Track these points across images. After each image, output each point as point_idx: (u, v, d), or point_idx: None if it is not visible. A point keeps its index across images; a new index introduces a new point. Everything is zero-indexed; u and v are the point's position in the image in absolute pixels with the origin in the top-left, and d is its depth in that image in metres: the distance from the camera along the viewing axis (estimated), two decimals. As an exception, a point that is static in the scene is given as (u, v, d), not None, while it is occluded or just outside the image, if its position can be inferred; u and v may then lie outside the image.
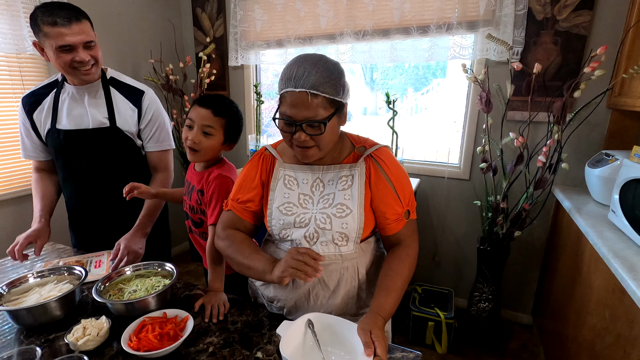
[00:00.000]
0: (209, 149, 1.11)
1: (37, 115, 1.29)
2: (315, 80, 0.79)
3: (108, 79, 1.32)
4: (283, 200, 0.96)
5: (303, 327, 0.83)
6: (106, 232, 1.36)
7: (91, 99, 1.28)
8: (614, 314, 1.14)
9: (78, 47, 1.14)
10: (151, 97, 1.37)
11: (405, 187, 0.95)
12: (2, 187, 1.93)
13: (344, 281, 0.96)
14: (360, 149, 0.97)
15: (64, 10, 1.11)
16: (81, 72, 1.19)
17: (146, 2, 2.57)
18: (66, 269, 1.08)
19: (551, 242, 2.00)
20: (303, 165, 0.97)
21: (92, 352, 0.84)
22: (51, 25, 1.09)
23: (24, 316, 0.90)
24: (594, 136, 1.86)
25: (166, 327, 0.87)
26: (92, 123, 1.27)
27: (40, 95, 1.30)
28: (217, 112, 1.10)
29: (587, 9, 1.72)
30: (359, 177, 0.93)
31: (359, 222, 0.92)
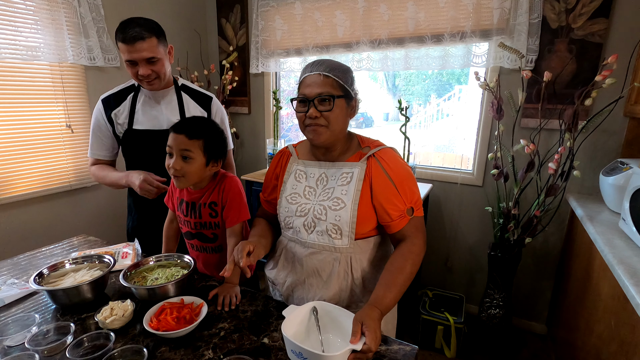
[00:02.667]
0: (193, 173, 1.11)
1: (115, 115, 1.41)
2: (328, 65, 0.97)
3: (180, 86, 1.46)
4: (291, 191, 1.08)
5: (307, 313, 0.90)
6: None
7: (166, 103, 1.42)
8: (619, 321, 1.14)
9: (140, 62, 1.27)
10: (217, 102, 1.52)
11: (407, 184, 1.00)
12: (44, 184, 2.11)
13: (335, 273, 1.01)
14: (365, 150, 1.04)
15: (135, 28, 1.23)
16: (145, 83, 1.33)
17: (176, 14, 2.74)
18: (97, 258, 1.20)
19: (566, 250, 1.97)
20: (313, 161, 1.08)
21: (118, 330, 0.94)
22: (121, 42, 1.25)
23: (60, 296, 1.02)
24: (610, 144, 1.84)
25: (183, 312, 0.96)
26: (167, 124, 1.37)
27: (119, 98, 1.42)
28: (191, 135, 1.09)
29: (604, 16, 1.72)
30: (358, 174, 1.00)
31: (352, 216, 0.98)
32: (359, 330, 0.80)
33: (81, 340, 0.86)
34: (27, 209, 2.06)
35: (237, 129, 3.06)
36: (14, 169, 1.98)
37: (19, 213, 2.04)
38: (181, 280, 1.06)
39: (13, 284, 1.15)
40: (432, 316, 1.98)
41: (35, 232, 2.11)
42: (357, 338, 0.79)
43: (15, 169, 1.98)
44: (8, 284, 1.15)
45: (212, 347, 0.89)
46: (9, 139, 1.94)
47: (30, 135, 2.02)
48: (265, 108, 2.92)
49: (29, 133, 2.02)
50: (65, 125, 2.16)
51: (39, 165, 2.08)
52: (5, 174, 1.94)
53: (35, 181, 2.07)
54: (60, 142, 2.15)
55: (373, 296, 0.91)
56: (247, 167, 3.10)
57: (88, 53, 2.15)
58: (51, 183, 2.14)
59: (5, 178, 1.95)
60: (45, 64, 2.02)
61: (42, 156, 2.09)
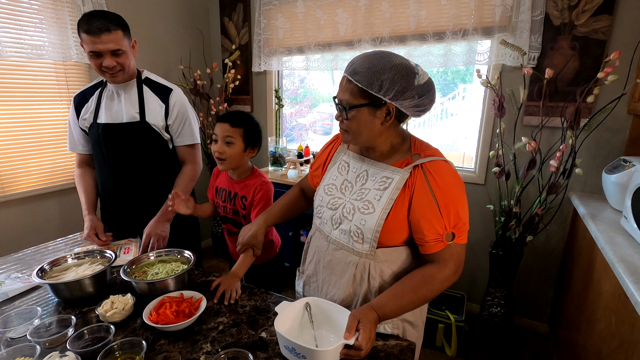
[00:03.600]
0: (234, 156, 1.30)
1: (84, 111, 1.46)
2: (355, 68, 0.85)
3: (143, 79, 1.46)
4: (330, 181, 1.05)
5: (301, 309, 0.90)
6: (134, 218, 1.49)
7: (126, 96, 1.43)
8: (619, 319, 1.14)
9: (105, 54, 1.28)
10: (178, 95, 1.48)
11: (453, 207, 0.86)
12: (48, 181, 2.14)
13: (350, 276, 0.96)
14: (415, 157, 0.92)
15: (100, 20, 1.24)
16: (108, 75, 1.34)
17: (179, 13, 2.76)
18: (99, 252, 1.21)
19: (568, 249, 1.96)
20: (358, 155, 1.02)
21: (118, 323, 0.95)
22: (85, 33, 1.24)
23: (62, 290, 1.03)
24: (614, 142, 1.82)
25: (182, 306, 0.97)
26: (126, 117, 1.41)
27: (88, 94, 1.47)
28: (234, 123, 1.28)
29: (607, 13, 1.71)
30: (397, 183, 0.90)
31: (377, 224, 0.90)
32: (354, 326, 0.79)
33: (82, 332, 0.87)
34: (31, 205, 2.09)
35: (240, 127, 3.07)
36: (19, 166, 2.00)
37: (24, 209, 2.07)
38: (181, 275, 1.07)
39: (17, 278, 1.17)
40: (433, 314, 1.98)
41: (40, 228, 2.14)
42: (352, 334, 0.78)
43: (21, 166, 2.01)
44: (12, 277, 1.17)
45: (211, 340, 0.90)
46: (14, 137, 1.97)
47: (35, 133, 2.05)
48: (268, 106, 2.93)
49: (33, 130, 2.04)
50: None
51: (44, 163, 2.11)
52: (10, 170, 1.97)
53: (39, 178, 2.10)
54: (64, 139, 2.17)
55: (376, 300, 0.87)
56: (249, 165, 3.11)
57: (92, 51, 2.17)
58: (55, 180, 2.17)
59: (11, 175, 1.98)
60: (50, 62, 2.05)
61: (46, 153, 2.11)
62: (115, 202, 1.53)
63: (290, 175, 2.53)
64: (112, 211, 1.56)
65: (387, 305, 0.86)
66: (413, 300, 0.87)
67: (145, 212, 1.46)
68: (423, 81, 0.85)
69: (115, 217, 1.56)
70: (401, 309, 0.87)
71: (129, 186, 1.49)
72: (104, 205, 1.58)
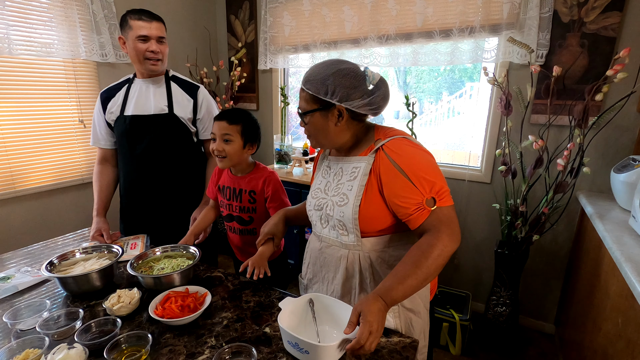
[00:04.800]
0: (233, 153, 1.28)
1: (111, 105, 1.52)
2: (307, 77, 0.94)
3: (170, 76, 1.56)
4: (316, 186, 1.09)
5: (304, 305, 0.91)
6: (157, 209, 1.55)
7: (155, 91, 1.51)
8: (626, 320, 1.12)
9: (152, 39, 1.41)
10: (204, 91, 1.59)
11: (423, 173, 0.88)
12: (57, 177, 2.17)
13: (343, 269, 1.01)
14: (377, 142, 0.96)
15: (149, 12, 1.43)
16: (150, 62, 1.43)
17: (186, 11, 2.77)
18: (106, 247, 1.23)
19: (575, 249, 1.94)
20: (335, 156, 1.07)
21: (125, 317, 0.97)
22: (137, 20, 1.39)
23: (70, 283, 1.05)
24: (623, 141, 1.80)
25: (187, 300, 0.98)
26: (154, 109, 1.49)
27: (115, 90, 1.54)
28: (231, 120, 1.27)
29: (617, 10, 1.68)
30: (364, 169, 0.95)
31: (353, 212, 0.93)
32: (355, 321, 0.77)
33: (89, 325, 0.89)
34: (41, 201, 2.13)
35: (246, 125, 3.08)
36: (28, 162, 2.04)
37: (34, 205, 2.10)
38: (186, 270, 1.09)
39: (26, 272, 1.19)
40: (438, 313, 1.97)
41: (49, 223, 2.17)
42: (352, 329, 0.76)
43: (30, 162, 2.05)
44: (22, 271, 1.20)
45: (215, 335, 0.91)
46: (24, 134, 2.00)
47: (44, 130, 2.08)
48: (273, 104, 2.94)
49: (43, 127, 2.07)
50: (78, 120, 2.21)
51: (53, 159, 2.14)
52: (20, 167, 2.00)
53: (49, 174, 2.13)
54: (73, 136, 2.21)
55: (381, 286, 0.82)
56: (255, 162, 3.12)
57: (100, 49, 2.20)
58: (64, 176, 2.20)
59: (21, 171, 2.01)
60: (59, 60, 2.08)
61: (55, 150, 2.14)
62: (139, 193, 1.56)
63: (295, 172, 2.53)
64: (135, 203, 1.58)
65: (393, 288, 0.81)
66: (418, 276, 0.82)
67: (168, 203, 1.55)
68: (375, 81, 0.91)
69: (138, 209, 1.58)
70: (409, 288, 0.82)
71: (154, 176, 1.54)
72: (127, 198, 1.60)
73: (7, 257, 1.34)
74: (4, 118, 1.92)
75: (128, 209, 1.61)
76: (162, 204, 1.55)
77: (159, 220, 1.54)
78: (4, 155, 1.94)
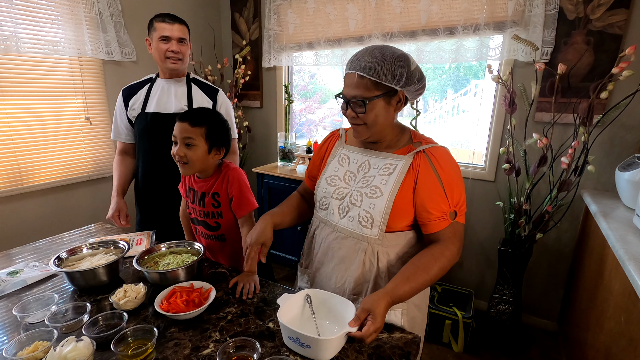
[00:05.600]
0: (196, 159, 1.16)
1: (132, 102, 1.60)
2: (365, 63, 0.88)
3: (191, 79, 1.65)
4: (332, 173, 1.07)
5: (301, 300, 0.92)
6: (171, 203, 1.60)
7: (176, 91, 1.59)
8: (629, 318, 1.12)
9: (174, 39, 1.50)
10: (223, 95, 1.69)
11: (456, 187, 0.94)
12: (64, 174, 2.20)
13: (360, 262, 1.00)
14: (416, 144, 0.99)
15: (173, 16, 1.53)
16: (170, 60, 1.52)
17: (190, 8, 2.79)
18: (112, 243, 1.25)
19: (579, 248, 1.94)
20: (359, 147, 1.06)
21: (131, 311, 0.98)
22: (161, 22, 1.49)
23: (77, 278, 1.07)
24: (628, 139, 1.79)
25: (192, 295, 0.99)
26: (174, 108, 1.56)
27: (137, 87, 1.62)
28: (194, 122, 1.14)
29: (624, 7, 1.66)
30: (402, 167, 0.96)
31: (386, 207, 0.95)
32: (363, 317, 0.81)
33: (96, 319, 0.90)
34: (48, 197, 2.16)
35: (249, 122, 3.10)
36: (36, 159, 2.07)
37: (41, 201, 2.13)
38: (191, 266, 1.10)
39: (35, 266, 1.21)
40: (440, 310, 1.98)
41: (56, 219, 2.20)
42: (357, 324, 0.80)
43: (38, 159, 2.07)
44: (30, 266, 1.22)
45: (219, 329, 0.93)
46: (31, 131, 2.03)
47: (51, 127, 2.11)
48: (277, 102, 2.95)
49: (50, 125, 2.10)
50: (84, 117, 2.23)
51: (60, 156, 2.17)
52: (27, 164, 2.03)
53: (55, 171, 2.16)
54: (80, 134, 2.23)
55: (389, 284, 0.88)
56: (258, 160, 3.14)
57: (106, 47, 2.22)
58: (71, 173, 2.23)
59: (29, 167, 2.04)
60: (65, 58, 2.10)
61: (62, 147, 2.17)
62: (154, 185, 1.64)
63: (299, 170, 2.54)
64: (150, 194, 1.67)
65: (400, 287, 0.87)
66: (426, 280, 0.89)
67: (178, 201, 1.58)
68: (414, 67, 0.93)
69: (152, 200, 1.68)
70: (414, 290, 0.89)
71: (169, 171, 1.57)
72: (143, 189, 1.68)
73: (15, 252, 1.36)
74: (12, 115, 1.95)
75: (143, 199, 1.70)
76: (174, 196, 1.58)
77: (171, 211, 1.60)
78: (12, 152, 1.97)
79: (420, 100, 2.09)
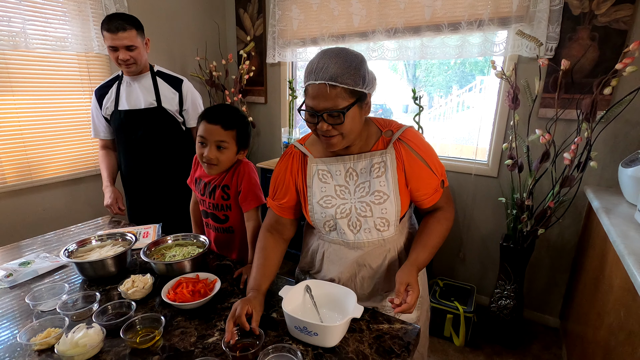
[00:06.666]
0: (226, 161, 1.18)
1: (105, 101, 1.68)
2: (334, 72, 0.82)
3: (155, 72, 1.70)
4: (321, 195, 1.00)
5: (302, 291, 0.95)
6: (155, 195, 1.74)
7: (142, 86, 1.66)
8: (628, 312, 1.13)
9: (120, 48, 1.52)
10: (188, 84, 1.74)
11: (435, 159, 1.00)
12: (71, 169, 2.24)
13: (387, 262, 1.05)
14: (388, 133, 0.99)
15: (118, 21, 1.49)
16: (124, 66, 1.58)
17: (195, 5, 2.80)
18: (120, 235, 1.28)
19: (581, 244, 1.94)
20: (333, 157, 1.00)
21: (139, 301, 1.01)
22: (105, 31, 1.50)
23: (87, 269, 1.10)
24: (633, 135, 1.78)
25: (198, 286, 1.02)
26: (144, 104, 1.65)
27: (107, 87, 1.70)
28: (226, 126, 1.14)
29: (629, 2, 1.65)
30: (391, 162, 0.96)
31: (397, 206, 0.97)
32: (404, 291, 0.88)
33: (106, 307, 0.94)
34: (56, 191, 2.20)
35: (254, 118, 3.12)
36: (44, 154, 2.10)
37: (50, 195, 2.17)
38: (196, 257, 1.13)
39: (45, 257, 1.25)
40: (442, 305, 2.00)
41: (64, 213, 2.24)
42: (400, 298, 0.87)
43: (46, 154, 2.11)
44: (41, 257, 1.25)
45: (224, 318, 0.95)
46: (40, 126, 2.07)
47: (59, 122, 2.15)
48: (282, 97, 2.96)
49: (58, 120, 2.14)
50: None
51: (67, 150, 2.21)
52: (37, 157, 2.07)
53: (63, 165, 2.20)
54: (86, 128, 2.26)
55: (412, 256, 0.96)
56: (263, 155, 3.16)
57: (112, 43, 2.24)
58: (78, 167, 2.27)
59: (38, 161, 2.08)
60: (73, 53, 2.13)
61: (69, 142, 2.21)
62: (138, 177, 1.74)
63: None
64: (135, 191, 1.79)
65: (421, 256, 0.97)
66: (438, 242, 1.00)
67: (164, 185, 1.72)
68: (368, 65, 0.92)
69: (138, 196, 1.79)
70: (431, 254, 0.99)
71: (149, 163, 1.72)
72: (128, 187, 1.79)
73: (25, 244, 1.40)
74: (21, 110, 1.98)
75: (130, 191, 1.80)
76: (158, 190, 1.74)
77: (157, 204, 1.73)
78: (22, 146, 2.01)
79: (423, 96, 2.10)
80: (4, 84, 1.90)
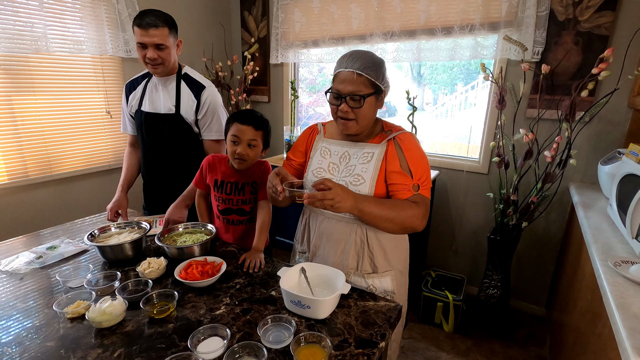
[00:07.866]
0: (254, 157, 1.36)
1: (131, 98, 1.65)
2: (361, 64, 1.03)
3: (182, 74, 1.60)
4: (316, 166, 1.20)
5: (298, 272, 1.08)
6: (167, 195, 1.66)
7: (166, 89, 1.59)
8: (594, 296, 1.25)
9: (150, 47, 1.44)
10: (210, 92, 1.60)
11: (419, 165, 1.09)
12: (87, 164, 2.39)
13: (352, 242, 1.15)
14: (388, 132, 1.15)
15: (151, 17, 1.42)
16: (150, 66, 1.50)
17: (202, 8, 2.93)
18: (136, 224, 1.42)
19: (565, 237, 2.05)
20: (337, 140, 1.20)
21: (154, 280, 1.14)
22: (137, 26, 1.43)
23: (107, 252, 1.24)
24: (614, 135, 1.89)
25: (206, 267, 1.16)
26: (164, 109, 1.58)
27: (136, 83, 1.66)
28: (257, 126, 1.33)
29: (610, 9, 1.76)
30: (378, 154, 1.11)
31: (369, 192, 1.09)
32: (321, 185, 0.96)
33: (126, 284, 1.07)
34: (74, 184, 2.35)
35: (258, 116, 3.24)
36: (62, 149, 2.25)
37: (67, 188, 2.32)
38: (205, 242, 1.26)
39: (69, 243, 1.39)
40: (433, 294, 2.12)
41: (81, 204, 2.40)
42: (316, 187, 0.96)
43: (64, 150, 2.26)
44: (65, 242, 1.40)
45: (230, 296, 1.09)
46: (59, 123, 2.21)
47: (76, 120, 2.29)
48: (284, 97, 3.09)
49: (75, 118, 2.28)
50: (105, 111, 2.41)
51: (83, 147, 2.35)
52: (55, 153, 2.22)
53: (80, 160, 2.35)
54: (101, 126, 2.41)
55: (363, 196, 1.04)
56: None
57: (125, 46, 2.38)
58: (93, 162, 2.42)
59: (55, 157, 2.23)
60: (88, 56, 2.27)
61: (86, 138, 2.36)
62: (154, 181, 1.73)
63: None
64: (151, 189, 1.77)
65: (368, 202, 1.01)
66: (390, 214, 1.03)
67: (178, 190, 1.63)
68: None
69: (153, 192, 1.77)
70: (376, 214, 1.02)
71: (163, 169, 1.67)
72: (145, 184, 1.78)
73: (49, 232, 1.55)
74: (42, 108, 2.13)
75: (147, 188, 1.79)
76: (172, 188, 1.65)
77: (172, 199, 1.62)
78: (43, 142, 2.16)
79: (417, 96, 2.21)
80: (27, 85, 2.05)
